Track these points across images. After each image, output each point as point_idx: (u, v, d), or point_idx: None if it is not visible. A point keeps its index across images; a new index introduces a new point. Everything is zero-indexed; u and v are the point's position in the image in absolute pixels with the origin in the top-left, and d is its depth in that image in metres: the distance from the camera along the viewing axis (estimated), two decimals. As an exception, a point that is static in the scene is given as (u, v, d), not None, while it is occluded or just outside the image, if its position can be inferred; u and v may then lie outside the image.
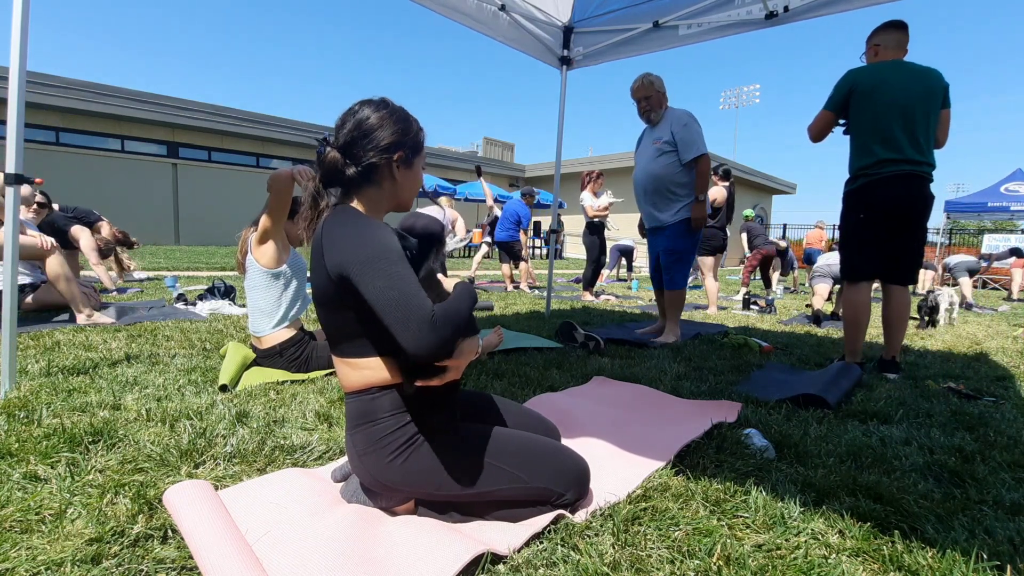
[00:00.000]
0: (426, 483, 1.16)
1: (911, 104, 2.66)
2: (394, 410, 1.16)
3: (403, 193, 1.27)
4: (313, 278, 1.17)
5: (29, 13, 1.92)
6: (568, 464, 1.26)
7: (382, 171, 1.21)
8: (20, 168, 1.92)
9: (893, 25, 2.80)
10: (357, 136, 1.18)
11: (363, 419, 1.16)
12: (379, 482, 1.16)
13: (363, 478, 1.19)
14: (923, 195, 2.71)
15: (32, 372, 2.21)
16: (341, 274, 1.08)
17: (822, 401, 2.16)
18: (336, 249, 1.08)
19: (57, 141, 14.37)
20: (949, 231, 16.66)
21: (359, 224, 1.11)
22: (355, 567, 1.00)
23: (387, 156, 1.20)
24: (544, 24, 4.23)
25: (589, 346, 3.23)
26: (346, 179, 1.20)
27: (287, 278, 2.44)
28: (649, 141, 3.58)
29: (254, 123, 17.17)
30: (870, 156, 2.73)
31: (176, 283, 5.45)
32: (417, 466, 1.15)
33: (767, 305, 5.83)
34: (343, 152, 1.19)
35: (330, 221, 1.14)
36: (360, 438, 1.16)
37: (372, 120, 1.19)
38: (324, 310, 1.17)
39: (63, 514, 1.15)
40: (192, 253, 11.81)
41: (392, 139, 1.20)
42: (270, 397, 2.05)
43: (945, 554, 1.11)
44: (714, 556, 1.08)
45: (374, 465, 1.15)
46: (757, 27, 3.51)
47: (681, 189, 3.49)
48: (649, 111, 3.55)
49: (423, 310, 1.01)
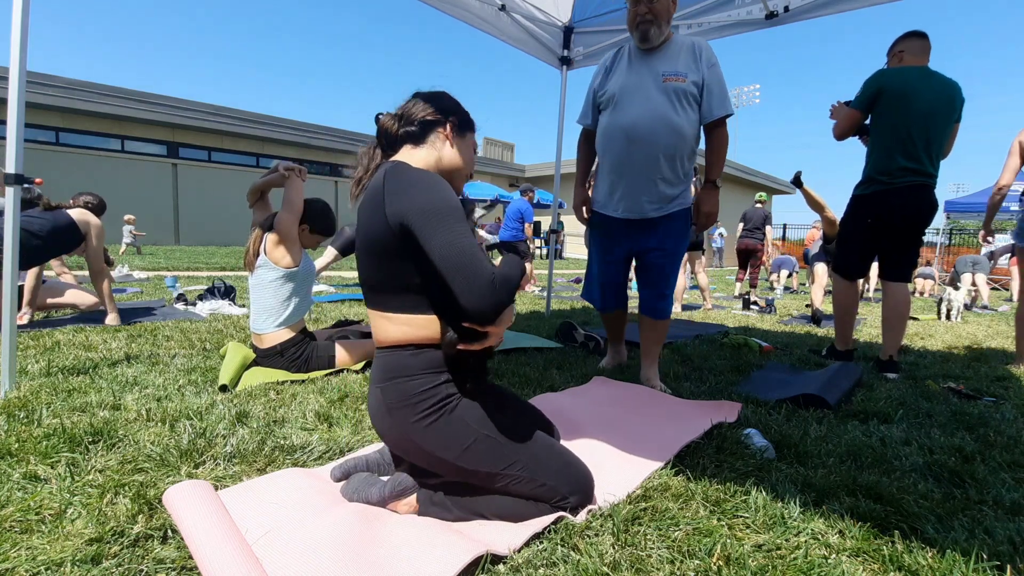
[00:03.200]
0: (448, 448, 1.15)
1: (934, 115, 2.69)
2: (431, 369, 1.17)
3: (454, 164, 1.30)
4: (364, 229, 1.16)
5: (29, 13, 1.92)
6: (578, 470, 1.27)
7: (435, 133, 1.27)
8: (20, 168, 1.92)
9: (916, 34, 2.83)
10: (412, 103, 1.28)
11: (397, 373, 1.16)
12: (405, 438, 1.17)
13: (387, 433, 1.19)
14: (932, 204, 2.77)
15: (32, 372, 2.20)
16: (403, 223, 1.08)
17: (822, 401, 2.16)
18: (401, 197, 1.09)
19: (57, 141, 14.38)
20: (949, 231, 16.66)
21: (424, 176, 1.12)
22: (355, 567, 1.00)
23: (440, 118, 1.27)
24: (544, 24, 4.23)
25: (589, 346, 3.23)
26: (399, 137, 1.26)
27: (299, 279, 2.45)
28: (647, 73, 2.26)
29: (254, 123, 17.18)
30: (891, 162, 2.75)
31: (176, 283, 5.45)
32: (444, 429, 1.16)
33: (767, 305, 5.84)
34: (399, 117, 1.27)
35: (393, 169, 1.15)
36: (393, 392, 1.16)
37: (428, 92, 1.31)
38: (375, 260, 1.16)
39: (63, 514, 1.15)
40: (192, 253, 11.82)
41: (446, 105, 1.29)
42: (270, 397, 2.05)
43: (945, 554, 1.11)
44: (714, 556, 1.08)
45: (403, 420, 1.15)
46: (757, 27, 3.51)
47: (691, 162, 2.36)
48: (650, 23, 2.23)
49: (486, 271, 1.03)
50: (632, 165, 2.28)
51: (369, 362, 2.60)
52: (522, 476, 1.19)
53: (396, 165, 1.16)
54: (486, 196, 16.32)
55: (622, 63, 2.37)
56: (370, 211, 1.14)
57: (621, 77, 2.32)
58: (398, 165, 1.16)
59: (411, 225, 1.07)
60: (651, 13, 2.22)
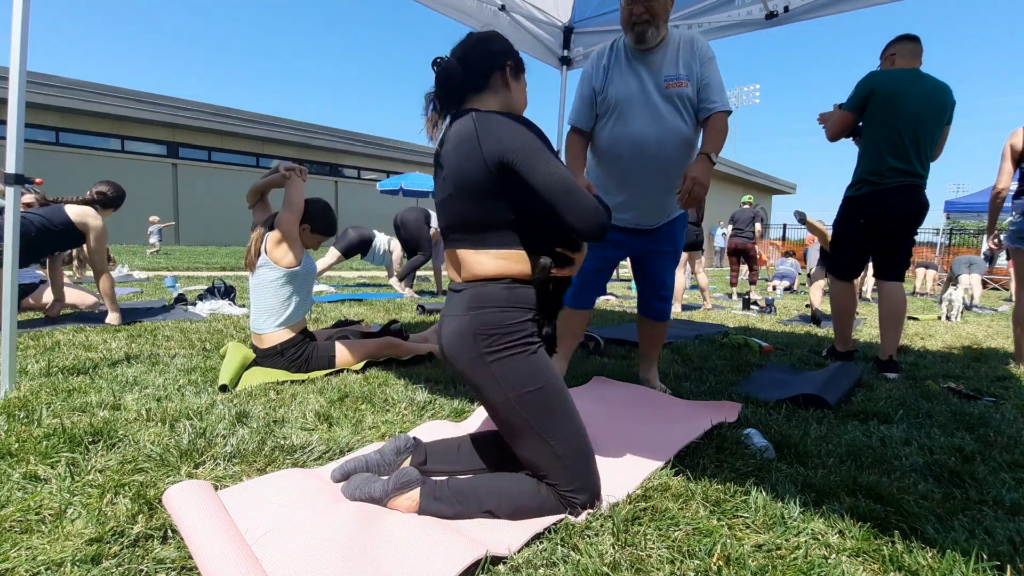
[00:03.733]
0: (514, 385, 1.22)
1: (924, 117, 2.72)
2: (522, 305, 1.26)
3: (517, 104, 1.41)
4: (457, 172, 1.25)
5: (29, 13, 1.92)
6: (595, 472, 1.29)
7: (496, 77, 1.36)
8: (20, 168, 1.92)
9: (907, 37, 2.85)
10: (471, 44, 1.36)
11: (490, 303, 1.24)
12: (479, 362, 1.22)
13: (459, 356, 1.24)
14: (922, 205, 2.80)
15: (32, 372, 2.21)
16: (502, 161, 1.19)
17: (822, 401, 2.16)
18: (497, 138, 1.20)
19: (57, 141, 14.39)
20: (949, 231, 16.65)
21: (513, 118, 1.25)
22: (356, 567, 1.00)
23: (500, 61, 1.36)
24: (544, 24, 4.23)
25: (589, 346, 3.23)
26: (463, 85, 1.34)
27: (299, 279, 2.45)
28: (648, 78, 2.13)
29: (254, 123, 17.20)
30: (881, 163, 2.77)
31: (176, 283, 5.45)
32: (519, 365, 1.23)
33: (767, 305, 5.84)
34: (460, 61, 1.33)
35: (482, 116, 1.24)
36: (482, 319, 1.23)
37: (483, 33, 1.40)
38: (472, 200, 1.25)
39: (63, 514, 1.15)
40: (192, 253, 11.82)
41: (502, 47, 1.38)
42: (270, 397, 2.05)
43: (945, 554, 1.11)
44: (714, 556, 1.08)
45: (486, 346, 1.22)
46: (757, 27, 3.50)
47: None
48: (647, 23, 2.08)
49: (588, 194, 1.19)
50: (642, 180, 2.16)
51: (369, 362, 2.60)
52: (554, 447, 1.23)
53: (483, 113, 1.25)
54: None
55: (620, 63, 2.20)
56: (462, 155, 1.24)
57: (620, 82, 2.16)
58: (485, 113, 1.26)
59: (512, 163, 1.18)
60: (648, 13, 2.06)
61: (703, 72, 2.11)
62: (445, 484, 1.25)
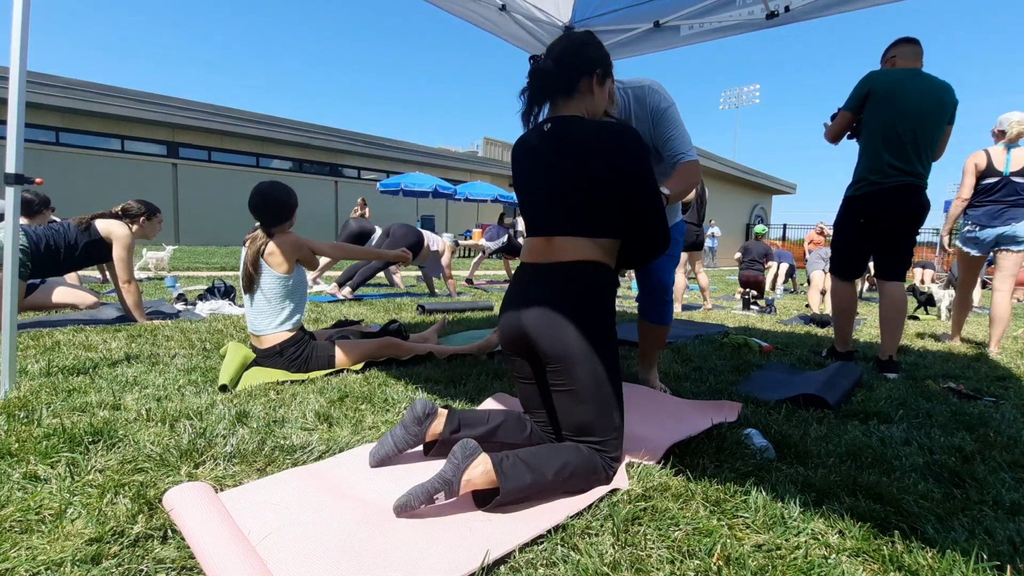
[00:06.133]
0: (599, 341, 1.36)
1: (923, 116, 2.71)
2: (608, 281, 1.42)
3: (596, 110, 1.48)
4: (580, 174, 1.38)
5: (29, 13, 1.92)
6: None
7: (584, 83, 1.42)
8: (20, 168, 1.92)
9: (908, 40, 2.85)
10: (569, 47, 1.42)
11: (586, 276, 1.39)
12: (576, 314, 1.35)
13: (555, 309, 1.35)
14: (922, 204, 2.79)
15: (32, 372, 2.20)
16: (628, 182, 1.38)
17: (822, 401, 2.16)
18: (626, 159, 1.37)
19: (57, 141, 14.38)
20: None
21: (638, 138, 1.40)
22: (360, 568, 1.00)
23: (591, 67, 1.42)
24: (545, 24, 4.22)
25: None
26: (554, 88, 1.42)
27: (295, 283, 2.46)
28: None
29: (254, 123, 17.18)
30: (880, 162, 2.77)
31: (176, 283, 5.45)
32: (604, 325, 1.38)
33: (767, 305, 5.84)
34: (555, 62, 1.41)
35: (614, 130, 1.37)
36: (581, 283, 1.38)
37: (582, 36, 1.45)
38: (596, 205, 1.38)
39: (63, 514, 1.15)
40: (192, 253, 11.82)
41: (596, 55, 1.44)
42: (270, 397, 2.05)
43: (945, 554, 1.11)
44: (714, 556, 1.08)
45: (587, 301, 1.37)
46: (758, 27, 3.50)
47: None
48: None
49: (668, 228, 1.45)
50: None
51: (369, 362, 2.60)
52: (612, 408, 1.37)
53: (614, 126, 1.38)
54: (486, 196, 16.34)
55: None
56: (588, 160, 1.36)
57: None
58: (635, 133, 1.40)
59: (633, 186, 1.38)
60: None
61: (658, 131, 2.04)
62: (509, 454, 1.26)
